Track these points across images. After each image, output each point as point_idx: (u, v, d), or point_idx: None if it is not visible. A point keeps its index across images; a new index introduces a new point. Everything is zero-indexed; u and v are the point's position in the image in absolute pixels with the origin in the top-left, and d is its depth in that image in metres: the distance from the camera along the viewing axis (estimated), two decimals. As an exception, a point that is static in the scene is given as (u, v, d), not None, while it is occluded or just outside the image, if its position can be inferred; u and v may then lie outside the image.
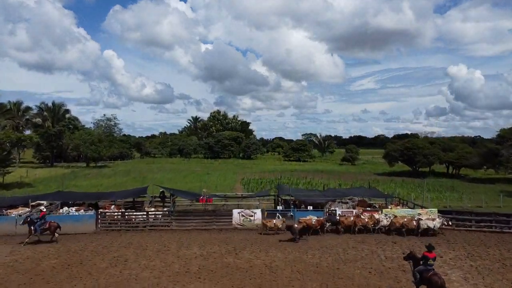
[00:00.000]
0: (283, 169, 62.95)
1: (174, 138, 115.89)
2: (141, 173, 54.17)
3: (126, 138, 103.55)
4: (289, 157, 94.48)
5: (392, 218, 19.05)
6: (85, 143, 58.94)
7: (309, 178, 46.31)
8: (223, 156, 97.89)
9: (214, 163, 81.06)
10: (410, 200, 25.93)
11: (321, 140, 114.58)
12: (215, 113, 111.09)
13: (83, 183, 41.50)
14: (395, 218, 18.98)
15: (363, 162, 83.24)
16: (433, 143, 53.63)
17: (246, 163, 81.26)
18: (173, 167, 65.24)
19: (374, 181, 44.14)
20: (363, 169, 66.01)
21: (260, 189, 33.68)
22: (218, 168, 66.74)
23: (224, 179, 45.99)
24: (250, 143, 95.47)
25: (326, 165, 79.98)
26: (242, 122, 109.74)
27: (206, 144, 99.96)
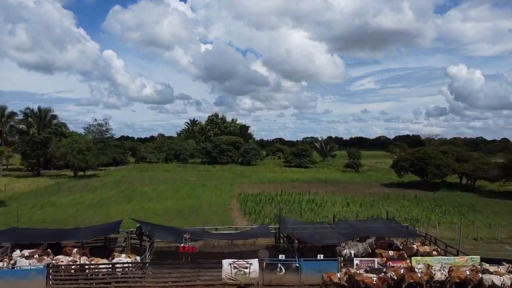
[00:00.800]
0: (283, 179, 59.07)
1: (170, 142, 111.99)
2: (131, 185, 50.27)
3: (120, 143, 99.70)
4: (289, 162, 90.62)
5: (448, 271, 14.67)
6: (72, 152, 55.01)
7: (312, 192, 42.41)
8: (221, 161, 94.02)
9: (211, 170, 77.15)
10: (438, 237, 21.96)
11: (322, 144, 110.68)
12: (213, 116, 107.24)
13: (64, 199, 37.60)
14: (454, 271, 14.72)
15: (367, 169, 79.27)
16: (446, 153, 49.75)
17: (245, 170, 77.35)
18: (167, 177, 61.33)
19: (384, 196, 40.27)
20: (368, 178, 62.08)
21: (258, 211, 29.80)
22: (215, 177, 62.84)
23: (220, 193, 42.10)
24: (249, 148, 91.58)
25: (329, 172, 76.05)
26: (241, 125, 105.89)
27: (204, 149, 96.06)
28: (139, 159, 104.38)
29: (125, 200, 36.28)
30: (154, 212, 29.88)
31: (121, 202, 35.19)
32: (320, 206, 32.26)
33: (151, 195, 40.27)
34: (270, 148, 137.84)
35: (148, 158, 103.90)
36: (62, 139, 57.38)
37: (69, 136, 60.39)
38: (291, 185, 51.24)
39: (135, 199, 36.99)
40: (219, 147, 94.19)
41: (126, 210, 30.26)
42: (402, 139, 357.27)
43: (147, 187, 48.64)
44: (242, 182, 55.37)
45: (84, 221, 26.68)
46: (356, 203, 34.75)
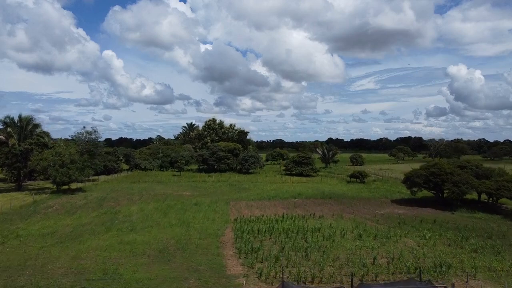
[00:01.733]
0: (284, 193, 54.43)
1: (166, 149, 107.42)
2: (116, 203, 45.67)
3: (113, 149, 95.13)
4: (290, 170, 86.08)
5: None
6: (54, 165, 50.39)
7: (317, 216, 37.79)
8: (219, 169, 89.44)
9: (207, 180, 72.54)
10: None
11: (324, 150, 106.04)
12: (210, 121, 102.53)
13: (35, 226, 32.98)
14: None
15: (373, 179, 74.57)
16: (464, 167, 45.10)
17: (243, 180, 72.72)
18: (158, 190, 56.70)
19: (399, 221, 35.61)
20: (376, 192, 57.44)
21: (255, 249, 25.09)
22: (210, 190, 58.25)
23: (213, 216, 37.45)
24: (247, 156, 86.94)
25: (333, 183, 71.43)
26: (240, 131, 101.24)
27: (200, 157, 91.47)
28: (133, 166, 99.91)
29: (104, 229, 31.61)
30: (132, 250, 25.22)
31: (98, 232, 30.53)
32: (329, 240, 27.58)
33: (135, 220, 35.58)
34: (270, 153, 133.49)
35: (143, 165, 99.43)
36: (44, 151, 52.73)
37: (52, 147, 55.74)
38: (293, 203, 46.60)
39: (115, 227, 32.33)
40: (216, 154, 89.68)
41: (101, 247, 25.69)
42: (404, 141, 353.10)
43: (134, 205, 44.06)
44: (240, 198, 50.77)
45: (45, 267, 22.06)
46: (369, 233, 30.07)
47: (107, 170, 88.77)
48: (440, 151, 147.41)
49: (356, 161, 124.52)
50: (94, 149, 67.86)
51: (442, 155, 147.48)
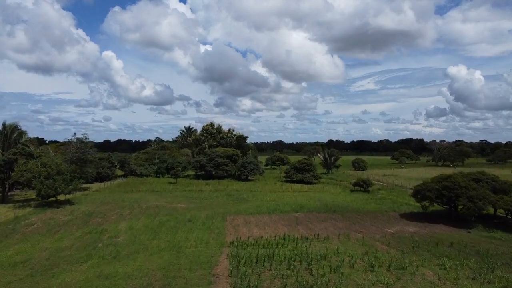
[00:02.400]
0: (285, 206, 51.18)
1: (163, 154, 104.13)
2: (104, 219, 42.38)
3: (107, 155, 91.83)
4: (291, 177, 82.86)
5: None
6: (38, 177, 47.09)
7: (322, 237, 34.50)
8: (217, 176, 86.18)
9: (205, 189, 69.26)
10: None
11: (326, 155, 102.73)
12: (208, 126, 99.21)
13: (8, 252, 29.71)
14: None
15: (378, 188, 71.23)
16: (479, 181, 41.81)
17: (242, 189, 69.45)
18: (152, 202, 53.39)
19: (413, 243, 32.28)
20: (382, 204, 54.17)
21: (252, 287, 21.78)
22: (207, 202, 55.02)
23: (208, 237, 34.15)
24: (246, 163, 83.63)
25: (335, 191, 68.15)
26: (238, 136, 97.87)
27: (197, 163, 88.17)
28: (128, 172, 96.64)
29: (84, 256, 28.28)
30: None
31: (77, 260, 27.20)
32: (336, 272, 24.25)
33: (121, 242, 32.26)
34: (270, 157, 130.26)
35: (138, 171, 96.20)
36: (29, 161, 49.42)
37: (38, 156, 52.42)
38: (294, 218, 43.30)
39: (97, 253, 29.01)
40: (214, 160, 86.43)
41: (76, 283, 22.38)
42: (405, 143, 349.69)
43: (123, 222, 40.77)
44: (238, 211, 47.49)
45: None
46: (381, 261, 26.73)
47: (100, 177, 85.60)
48: (443, 155, 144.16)
49: (358, 166, 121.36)
50: (85, 157, 64.46)
51: (445, 158, 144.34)
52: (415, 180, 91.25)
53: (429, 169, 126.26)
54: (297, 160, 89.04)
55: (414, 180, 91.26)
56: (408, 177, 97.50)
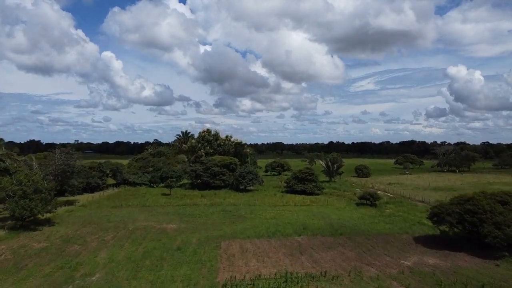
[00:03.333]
0: (286, 226, 46.47)
1: (157, 161, 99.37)
2: (84, 245, 37.63)
3: (97, 164, 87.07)
4: (292, 187, 78.19)
5: None
6: (13, 196, 42.35)
7: (330, 274, 29.74)
8: (214, 185, 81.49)
9: (199, 202, 64.52)
10: None
11: (329, 163, 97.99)
12: (204, 133, 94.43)
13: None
14: None
15: (386, 202, 66.44)
16: (506, 203, 37.05)
17: (239, 202, 64.74)
18: (140, 221, 48.66)
19: (431, 276, 27.52)
20: (393, 223, 49.44)
21: None
22: (201, 219, 50.34)
23: (197, 277, 29.40)
24: (245, 172, 78.89)
25: (341, 205, 63.40)
26: (236, 143, 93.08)
27: (193, 172, 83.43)
28: (120, 181, 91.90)
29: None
30: None
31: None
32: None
33: (94, 285, 27.48)
34: (270, 163, 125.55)
35: (131, 180, 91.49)
36: (3, 179, 44.67)
37: (15, 172, 47.68)
38: (297, 244, 38.57)
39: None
40: (210, 170, 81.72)
41: None
42: (407, 145, 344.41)
43: (104, 250, 36.04)
44: (234, 233, 42.82)
45: None
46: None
47: (90, 188, 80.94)
48: (449, 160, 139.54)
49: (361, 172, 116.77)
50: (70, 170, 59.75)
51: (451, 164, 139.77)
52: (422, 189, 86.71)
53: (435, 176, 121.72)
54: (298, 168, 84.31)
55: (422, 189, 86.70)
56: (415, 186, 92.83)
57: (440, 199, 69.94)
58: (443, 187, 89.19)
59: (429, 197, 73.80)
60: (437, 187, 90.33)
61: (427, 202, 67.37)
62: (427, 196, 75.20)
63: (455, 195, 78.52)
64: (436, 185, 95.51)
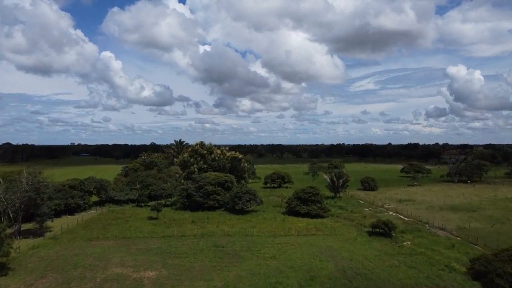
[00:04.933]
0: (289, 272, 38.26)
1: (147, 176, 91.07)
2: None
3: (78, 183, 78.77)
4: (294, 208, 70.10)
5: None
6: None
7: None
8: (207, 206, 73.31)
9: (188, 232, 56.35)
10: None
11: (334, 178, 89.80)
12: (197, 146, 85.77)
13: None
14: None
15: (402, 230, 58.15)
16: None
17: (235, 232, 56.58)
18: (114, 266, 40.44)
19: None
20: (418, 267, 41.26)
21: None
22: (186, 263, 42.16)
23: None
24: (241, 192, 70.70)
25: (351, 236, 55.26)
26: (232, 157, 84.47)
27: (184, 191, 75.19)
28: (105, 199, 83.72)
29: None
30: None
31: None
32: None
33: None
34: (269, 175, 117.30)
35: (117, 197, 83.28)
36: None
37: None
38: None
39: None
40: (203, 189, 73.53)
41: None
42: (410, 149, 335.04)
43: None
44: (226, 279, 34.60)
45: None
46: None
47: (69, 210, 72.80)
48: (459, 170, 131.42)
49: (368, 186, 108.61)
50: (38, 196, 51.58)
51: (462, 173, 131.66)
52: (438, 208, 78.50)
53: (446, 188, 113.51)
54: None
55: (437, 208, 78.50)
56: (429, 204, 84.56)
57: (463, 225, 61.99)
58: (460, 206, 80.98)
59: (448, 221, 65.72)
60: (453, 205, 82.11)
61: (449, 230, 59.26)
62: (445, 220, 67.12)
63: (476, 217, 71.08)
64: (451, 201, 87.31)
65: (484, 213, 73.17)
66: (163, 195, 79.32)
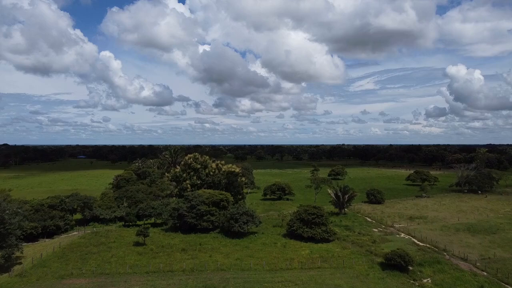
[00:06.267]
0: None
1: (136, 191, 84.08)
2: None
3: (58, 202, 71.68)
4: (296, 231, 63.30)
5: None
6: None
7: None
8: (200, 228, 66.40)
9: (177, 265, 49.47)
10: None
11: (339, 193, 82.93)
12: (190, 159, 78.53)
13: None
14: None
15: (419, 264, 51.16)
16: None
17: (229, 265, 49.68)
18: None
19: None
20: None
21: None
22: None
23: None
24: (238, 214, 63.79)
25: (361, 269, 48.42)
26: (228, 172, 77.19)
27: (175, 211, 68.25)
28: (90, 218, 76.78)
29: None
30: None
31: None
32: None
33: None
34: (269, 186, 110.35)
35: (102, 216, 76.32)
36: None
37: None
38: None
39: None
40: (196, 209, 66.60)
41: None
42: (414, 151, 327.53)
43: None
44: None
45: None
46: None
47: (47, 233, 65.90)
48: (469, 180, 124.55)
49: (374, 198, 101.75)
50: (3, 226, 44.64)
51: (472, 183, 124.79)
52: (453, 230, 71.59)
53: (457, 200, 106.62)
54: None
55: (453, 230, 71.60)
56: (443, 223, 77.60)
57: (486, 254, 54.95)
58: (477, 226, 74.08)
59: (468, 247, 58.92)
60: (470, 224, 75.21)
61: (472, 260, 52.39)
62: (465, 245, 60.36)
63: (498, 242, 64.10)
64: (466, 219, 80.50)
65: (506, 236, 66.30)
66: (152, 215, 72.33)
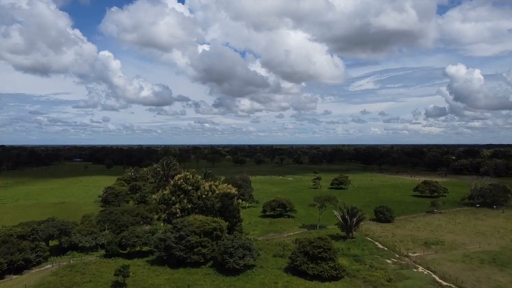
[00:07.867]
0: None
1: (121, 213, 75.69)
2: None
3: (30, 231, 63.23)
4: (300, 267, 55.17)
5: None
6: None
7: None
8: (189, 262, 58.14)
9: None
10: None
11: (346, 215, 74.66)
12: (181, 180, 69.65)
13: None
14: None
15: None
16: None
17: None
18: None
19: None
20: None
21: None
22: None
23: None
24: (233, 247, 55.50)
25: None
26: (223, 195, 68.22)
27: (162, 242, 59.91)
28: (68, 246, 68.37)
29: None
30: None
31: None
32: None
33: None
34: (268, 202, 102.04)
35: (81, 244, 67.95)
36: None
37: None
38: None
39: None
40: (185, 239, 58.35)
41: None
42: (416, 155, 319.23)
43: None
44: None
45: None
46: None
47: (15, 268, 57.59)
48: (483, 193, 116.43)
49: (383, 217, 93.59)
50: None
51: (485, 196, 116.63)
52: (478, 261, 63.18)
53: (472, 217, 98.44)
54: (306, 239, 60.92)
55: (477, 261, 63.26)
56: (464, 251, 69.31)
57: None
58: (502, 256, 65.92)
59: None
60: (494, 254, 66.99)
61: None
62: (493, 284, 52.37)
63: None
64: (488, 244, 72.46)
65: (540, 271, 58.08)
66: (136, 244, 64.04)
